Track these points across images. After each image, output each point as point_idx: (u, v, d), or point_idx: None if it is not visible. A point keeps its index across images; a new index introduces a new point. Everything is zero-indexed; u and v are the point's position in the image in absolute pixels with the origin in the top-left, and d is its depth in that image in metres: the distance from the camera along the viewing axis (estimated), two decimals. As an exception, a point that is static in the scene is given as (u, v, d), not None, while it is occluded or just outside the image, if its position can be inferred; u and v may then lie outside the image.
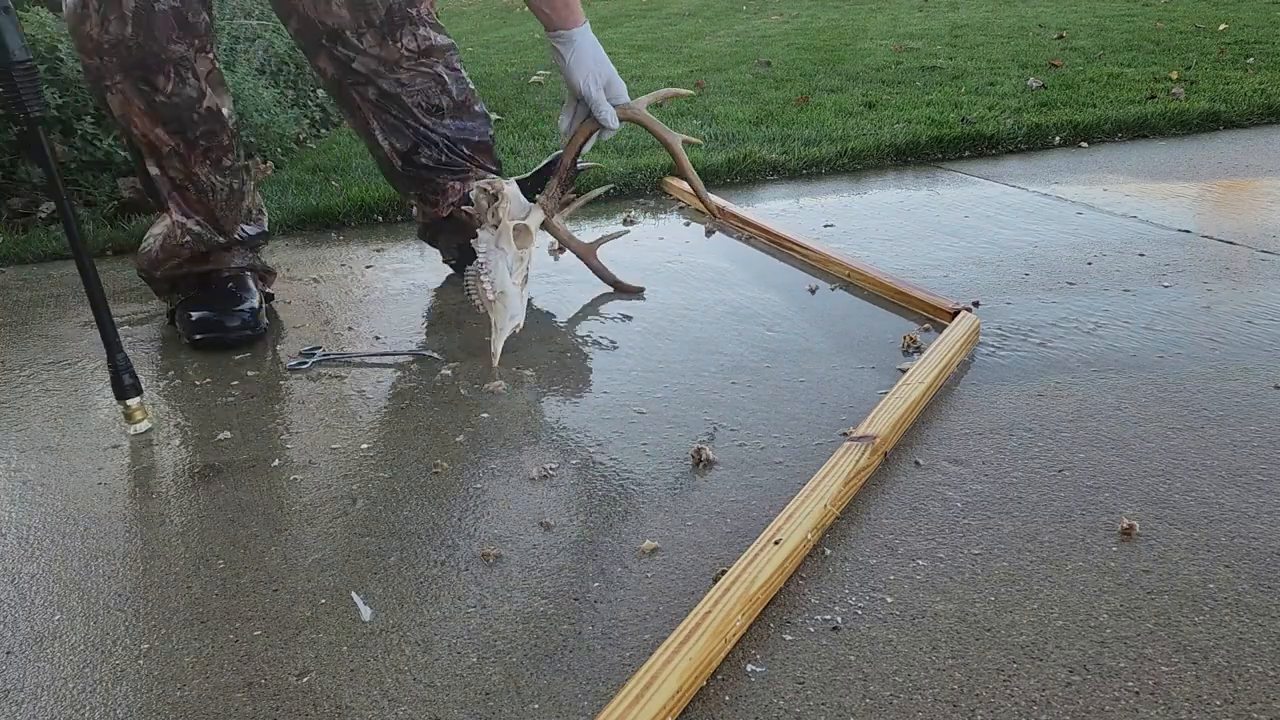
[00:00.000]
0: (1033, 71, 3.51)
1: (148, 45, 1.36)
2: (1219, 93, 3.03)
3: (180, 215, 1.51)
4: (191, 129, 1.44)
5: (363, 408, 1.30)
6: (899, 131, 2.66)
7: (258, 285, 1.61)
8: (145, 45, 1.36)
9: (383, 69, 1.60)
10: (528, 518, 1.03)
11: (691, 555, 0.96)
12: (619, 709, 0.72)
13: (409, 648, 0.85)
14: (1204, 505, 1.00)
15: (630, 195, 2.34)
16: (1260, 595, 0.87)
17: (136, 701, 0.80)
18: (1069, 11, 5.44)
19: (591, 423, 1.24)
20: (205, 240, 1.52)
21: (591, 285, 1.72)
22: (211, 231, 1.52)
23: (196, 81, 1.41)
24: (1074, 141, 2.69)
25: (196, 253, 1.54)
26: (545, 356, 1.45)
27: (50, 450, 1.22)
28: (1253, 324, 1.44)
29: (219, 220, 1.53)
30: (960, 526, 0.99)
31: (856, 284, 1.67)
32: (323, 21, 1.56)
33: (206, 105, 1.43)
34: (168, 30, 1.36)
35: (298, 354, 1.47)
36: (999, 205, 2.12)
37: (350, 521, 1.04)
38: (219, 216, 1.52)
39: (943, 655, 0.81)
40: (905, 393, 1.20)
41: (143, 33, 1.35)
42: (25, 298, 1.77)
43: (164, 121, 1.42)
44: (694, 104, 3.20)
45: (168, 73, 1.38)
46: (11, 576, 0.97)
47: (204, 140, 1.45)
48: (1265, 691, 0.76)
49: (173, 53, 1.37)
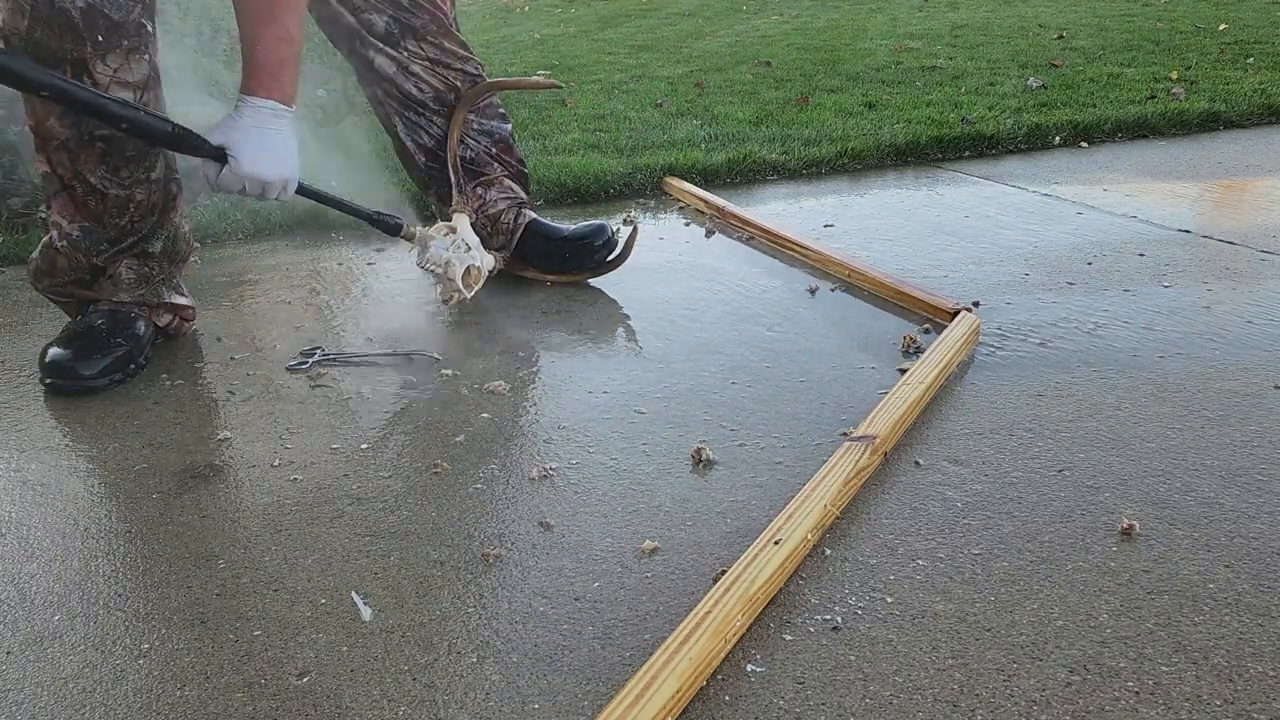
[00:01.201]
0: (1033, 71, 3.51)
1: (45, 42, 1.25)
2: (1219, 93, 3.03)
3: (61, 216, 1.38)
4: (87, 126, 1.30)
5: (362, 408, 1.30)
6: (899, 131, 2.66)
7: (148, 325, 1.47)
8: (42, 42, 1.25)
9: (398, 72, 1.60)
10: (528, 518, 1.03)
11: (691, 555, 0.96)
12: (619, 709, 0.72)
13: (409, 648, 0.85)
14: (1204, 505, 1.00)
15: (630, 195, 2.34)
16: (1260, 595, 0.87)
17: (136, 701, 0.80)
18: (1069, 11, 5.44)
19: (591, 423, 1.24)
20: (84, 250, 1.39)
21: (591, 285, 1.72)
22: (92, 241, 1.38)
23: (93, 85, 1.27)
24: (1074, 141, 2.69)
25: (77, 271, 1.40)
26: (545, 356, 1.45)
27: (50, 450, 1.22)
28: (1253, 324, 1.44)
29: (105, 228, 1.39)
30: (960, 526, 0.99)
31: (856, 284, 1.67)
32: (336, 22, 1.58)
33: None
34: (66, 31, 1.25)
35: (298, 354, 1.47)
36: (999, 205, 2.12)
37: (350, 521, 1.04)
38: (105, 224, 1.39)
39: (943, 655, 0.81)
40: (905, 393, 1.20)
41: (40, 28, 1.24)
42: (25, 298, 1.77)
43: (59, 114, 1.30)
44: (694, 104, 3.20)
45: (64, 71, 1.26)
46: (11, 576, 0.97)
47: (102, 142, 1.32)
48: (1265, 691, 0.76)
49: (69, 54, 1.26)
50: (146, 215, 1.42)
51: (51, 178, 1.36)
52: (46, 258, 1.43)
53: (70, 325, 1.46)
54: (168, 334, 1.53)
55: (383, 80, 1.62)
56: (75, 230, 1.39)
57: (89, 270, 1.42)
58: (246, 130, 1.30)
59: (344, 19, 1.58)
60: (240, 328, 1.60)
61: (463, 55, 1.65)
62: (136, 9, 1.29)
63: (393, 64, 1.60)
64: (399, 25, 1.58)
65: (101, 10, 1.26)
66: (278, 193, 1.35)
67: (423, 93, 1.63)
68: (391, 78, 1.61)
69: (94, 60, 1.27)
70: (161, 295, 1.49)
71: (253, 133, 1.30)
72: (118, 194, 1.37)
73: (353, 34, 1.59)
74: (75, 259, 1.41)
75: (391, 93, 1.63)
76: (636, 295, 1.67)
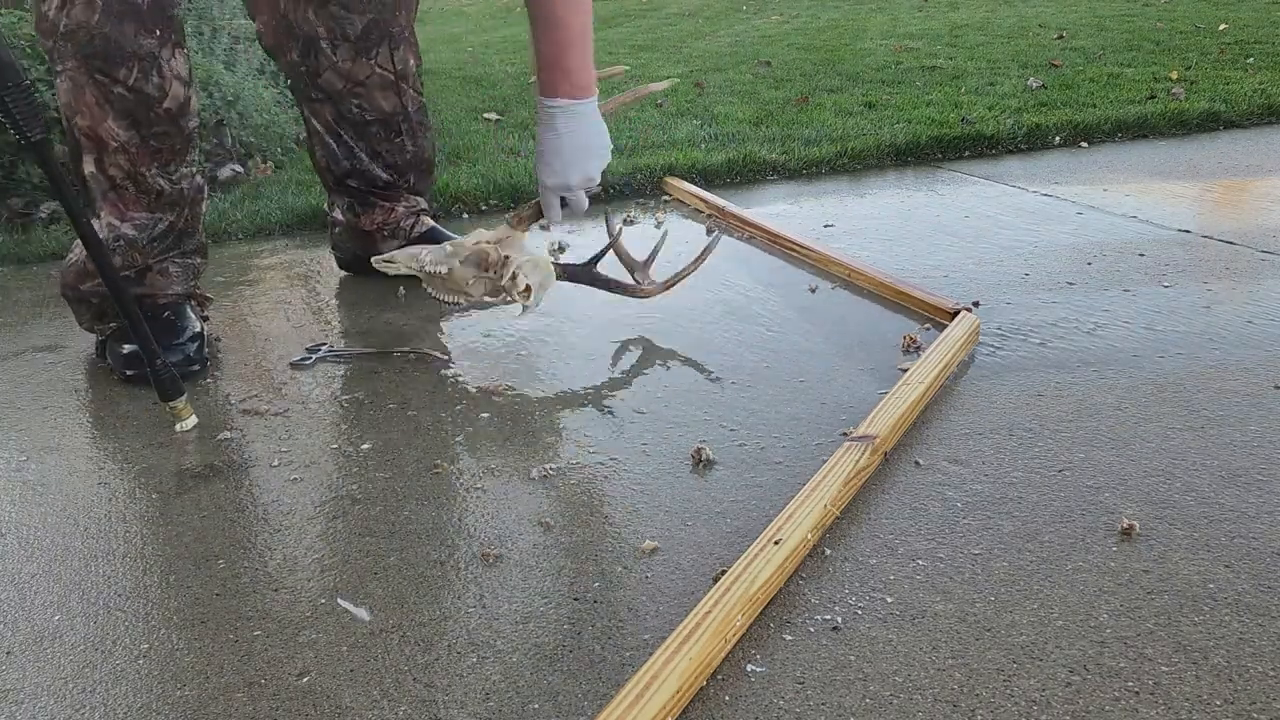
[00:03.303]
0: (1033, 71, 3.51)
1: (113, 35, 1.24)
2: (1219, 93, 3.03)
3: (114, 218, 1.37)
4: (145, 127, 1.32)
5: (363, 407, 1.30)
6: (899, 131, 2.66)
7: (198, 314, 1.49)
8: (110, 35, 1.24)
9: (346, 89, 1.55)
10: (528, 518, 1.03)
11: (691, 555, 0.96)
12: (619, 709, 0.72)
13: (409, 648, 0.85)
14: (1204, 505, 1.00)
15: (630, 195, 2.34)
16: (1260, 595, 0.87)
17: (136, 701, 0.80)
18: (1069, 11, 5.44)
19: (591, 423, 1.24)
20: (140, 247, 1.39)
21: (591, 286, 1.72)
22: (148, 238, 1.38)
23: (160, 80, 1.29)
24: (1074, 141, 2.69)
25: (130, 268, 1.40)
26: (545, 356, 1.45)
27: (50, 450, 1.22)
28: (1253, 324, 1.44)
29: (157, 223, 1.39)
30: (960, 526, 0.99)
31: (856, 284, 1.67)
32: (299, 27, 1.52)
33: (166, 106, 1.32)
34: (139, 21, 1.25)
35: (303, 350, 1.47)
36: (999, 205, 2.12)
37: (350, 521, 1.04)
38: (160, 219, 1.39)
39: (943, 655, 0.81)
40: (905, 393, 1.20)
41: (110, 22, 1.23)
42: (25, 298, 1.77)
43: (117, 115, 1.29)
44: (694, 104, 3.20)
45: (130, 66, 1.26)
46: (11, 576, 0.97)
47: (155, 141, 1.33)
48: (1265, 691, 0.76)
49: (141, 46, 1.26)
50: (193, 207, 1.43)
51: (100, 178, 1.35)
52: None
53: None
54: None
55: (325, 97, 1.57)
56: (129, 229, 1.37)
57: (141, 268, 1.41)
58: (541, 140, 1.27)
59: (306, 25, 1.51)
60: (240, 327, 1.60)
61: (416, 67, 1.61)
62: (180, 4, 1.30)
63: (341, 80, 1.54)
64: (377, 30, 1.52)
65: (161, 5, 1.26)
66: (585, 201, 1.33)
67: (365, 114, 1.59)
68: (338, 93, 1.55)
69: (162, 51, 1.27)
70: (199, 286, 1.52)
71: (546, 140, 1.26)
72: (170, 189, 1.37)
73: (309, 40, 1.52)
74: (130, 257, 1.39)
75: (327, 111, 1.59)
76: (636, 295, 1.67)
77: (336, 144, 1.64)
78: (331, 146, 1.64)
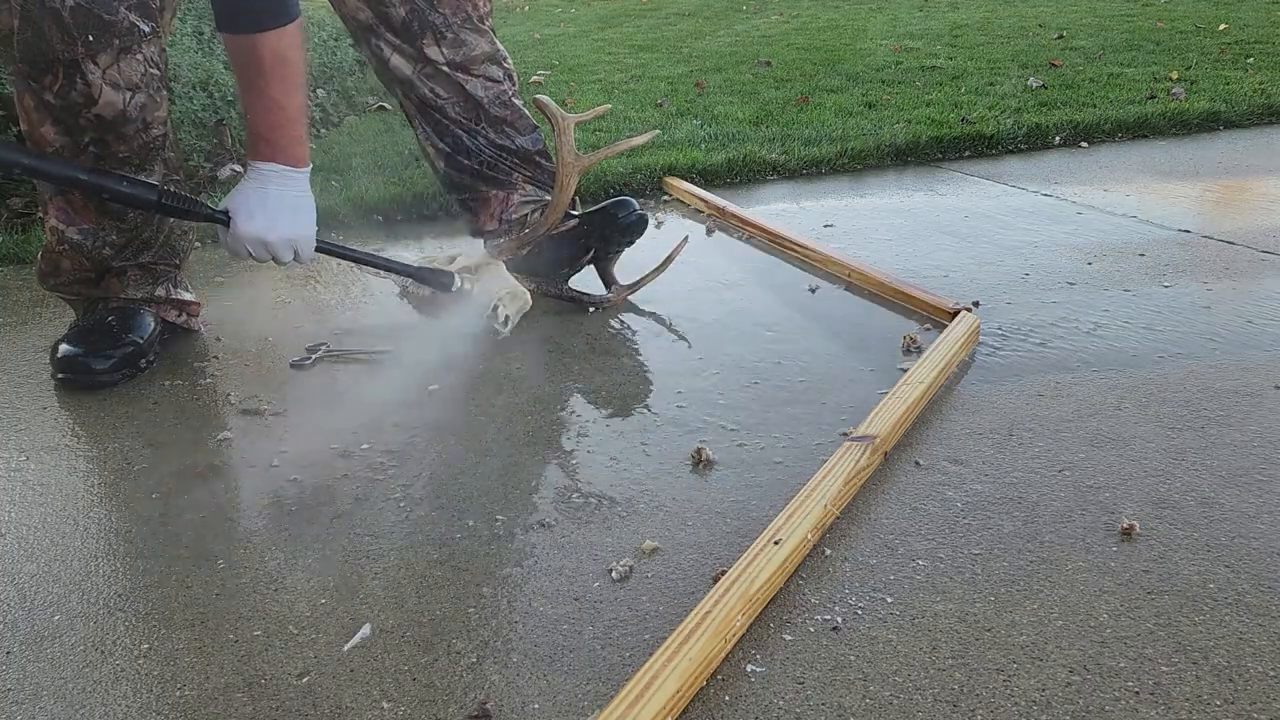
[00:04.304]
0: (1033, 71, 3.51)
1: (34, 43, 1.23)
2: (1219, 93, 3.03)
3: (59, 221, 1.37)
4: (78, 134, 1.30)
5: (363, 407, 1.30)
6: (899, 131, 2.66)
7: (157, 321, 1.47)
8: (32, 43, 1.23)
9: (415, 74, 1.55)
10: (528, 518, 1.03)
11: (691, 555, 0.96)
12: (619, 709, 0.72)
13: (409, 648, 0.85)
14: (1204, 505, 1.00)
15: (630, 195, 2.33)
16: (1260, 595, 0.87)
17: (136, 701, 0.80)
18: (1069, 11, 5.44)
19: (592, 423, 1.24)
20: (87, 253, 1.38)
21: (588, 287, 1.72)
22: (93, 244, 1.38)
23: (85, 86, 1.26)
24: (1074, 141, 2.69)
25: (82, 271, 1.40)
26: (545, 357, 1.45)
27: (50, 450, 1.22)
28: (1252, 324, 1.44)
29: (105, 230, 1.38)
30: (960, 526, 0.99)
31: (856, 284, 1.67)
32: (354, 17, 1.53)
33: (96, 112, 1.28)
34: (60, 31, 1.23)
35: (303, 349, 1.47)
36: (999, 205, 2.12)
37: (350, 521, 1.04)
38: (106, 226, 1.38)
39: (943, 655, 0.81)
40: (905, 393, 1.20)
41: (30, 29, 1.23)
42: (25, 298, 1.77)
43: (53, 120, 1.30)
44: (694, 104, 3.20)
45: (56, 72, 1.25)
46: (11, 576, 0.97)
47: (94, 147, 1.31)
48: (1265, 691, 0.76)
49: (60, 54, 1.24)
50: (147, 218, 1.42)
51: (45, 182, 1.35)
52: (49, 260, 1.43)
53: (80, 321, 1.46)
54: (176, 329, 1.54)
55: (400, 81, 1.57)
56: (75, 234, 1.39)
57: (94, 270, 1.42)
58: (247, 192, 1.28)
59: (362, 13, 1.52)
60: (240, 327, 1.60)
61: (487, 54, 1.58)
62: (123, 7, 1.27)
63: (409, 65, 1.54)
64: (418, 20, 1.51)
65: (90, 9, 1.25)
66: (287, 254, 1.31)
67: (439, 99, 1.57)
68: (409, 79, 1.55)
69: (85, 60, 1.26)
70: (169, 291, 1.50)
71: (252, 194, 1.27)
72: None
73: (368, 29, 1.53)
74: (79, 261, 1.41)
75: (410, 95, 1.58)
76: (636, 296, 1.67)
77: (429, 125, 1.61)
78: (427, 125, 1.61)
